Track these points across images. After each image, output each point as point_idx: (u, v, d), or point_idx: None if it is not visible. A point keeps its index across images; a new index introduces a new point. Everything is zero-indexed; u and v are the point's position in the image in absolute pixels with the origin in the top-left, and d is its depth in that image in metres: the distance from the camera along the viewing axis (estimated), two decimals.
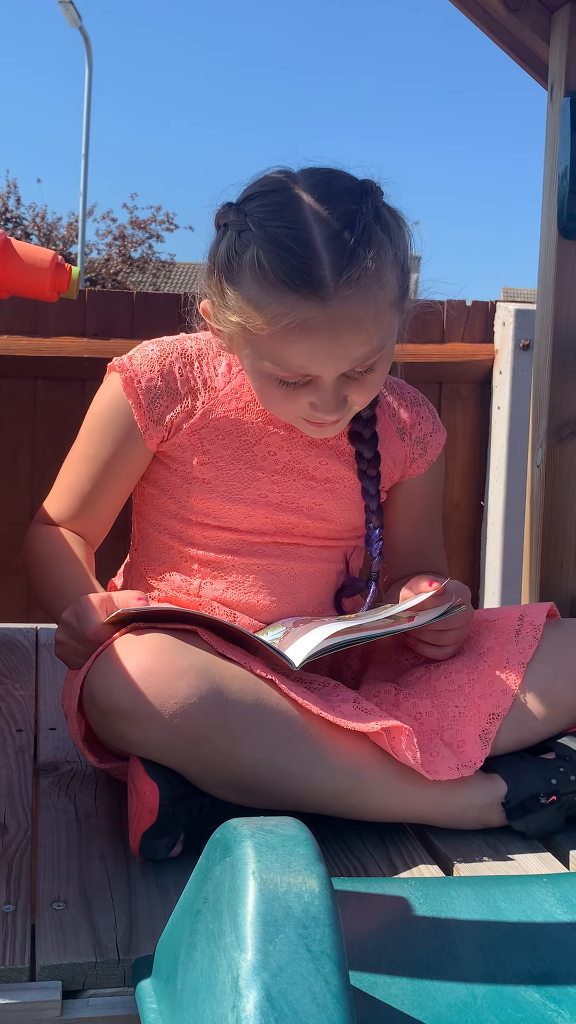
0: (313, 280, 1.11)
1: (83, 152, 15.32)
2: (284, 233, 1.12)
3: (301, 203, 1.14)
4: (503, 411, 2.49)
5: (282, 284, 1.11)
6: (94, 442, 1.31)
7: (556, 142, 1.86)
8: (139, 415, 1.27)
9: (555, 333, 1.91)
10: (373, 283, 1.13)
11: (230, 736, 1.09)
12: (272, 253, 1.12)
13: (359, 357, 1.16)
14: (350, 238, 1.12)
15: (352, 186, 1.17)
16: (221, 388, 1.28)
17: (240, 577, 1.30)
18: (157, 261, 21.21)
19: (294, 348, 1.14)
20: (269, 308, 1.13)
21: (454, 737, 1.21)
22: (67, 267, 1.43)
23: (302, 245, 1.11)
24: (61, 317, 2.30)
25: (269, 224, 1.13)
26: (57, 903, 1.01)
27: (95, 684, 1.11)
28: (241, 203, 1.18)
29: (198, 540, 1.30)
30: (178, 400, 1.28)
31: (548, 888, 1.02)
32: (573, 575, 1.97)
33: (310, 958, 0.67)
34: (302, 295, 1.11)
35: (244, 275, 1.14)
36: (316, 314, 1.11)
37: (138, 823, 1.09)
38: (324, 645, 1.15)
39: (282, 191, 1.16)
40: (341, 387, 1.18)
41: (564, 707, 1.24)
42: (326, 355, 1.15)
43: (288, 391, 1.19)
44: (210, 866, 0.79)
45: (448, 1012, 0.83)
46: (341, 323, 1.12)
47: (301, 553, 1.32)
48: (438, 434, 1.39)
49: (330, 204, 1.14)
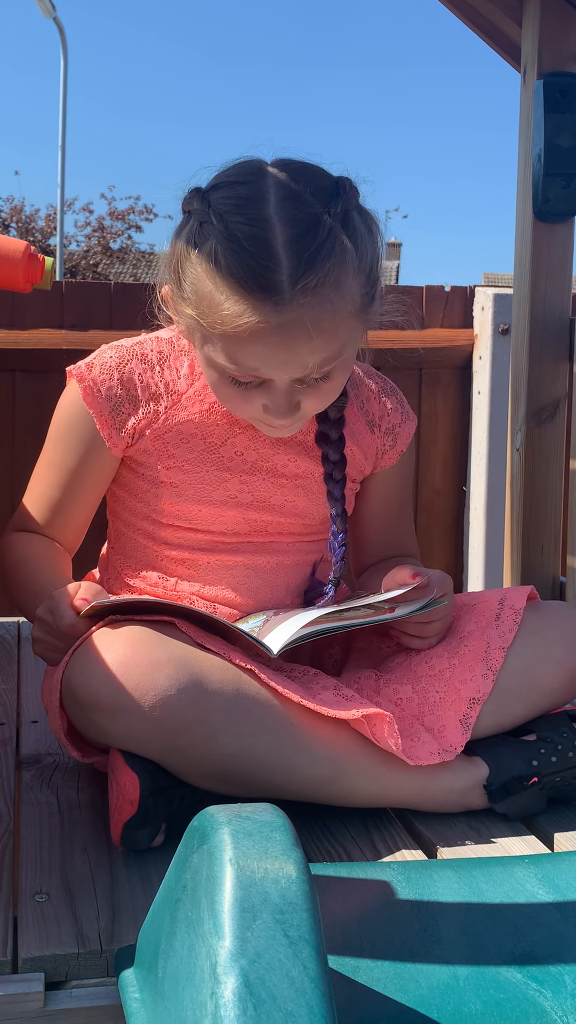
0: (268, 284, 1.07)
1: (60, 144, 15.24)
2: (244, 231, 1.08)
3: (267, 200, 1.10)
4: (483, 396, 2.49)
5: (237, 284, 1.08)
6: (59, 449, 1.29)
7: (530, 125, 1.86)
8: (101, 424, 1.25)
9: (532, 316, 1.92)
10: (332, 291, 1.09)
11: (210, 727, 1.09)
12: (230, 251, 1.08)
13: (313, 365, 1.12)
14: (312, 243, 1.08)
15: (324, 185, 1.13)
16: (184, 391, 1.26)
17: (217, 574, 1.29)
18: (137, 252, 21.13)
19: (246, 350, 1.11)
20: (223, 307, 1.09)
21: (435, 722, 1.21)
22: (40, 258, 1.43)
23: (261, 246, 1.07)
24: (39, 309, 2.29)
25: (231, 219, 1.09)
26: (39, 895, 1.01)
27: (73, 678, 1.11)
28: (208, 191, 1.14)
29: (171, 540, 1.29)
30: (140, 406, 1.25)
31: (530, 869, 1.02)
32: (554, 558, 1.98)
33: (288, 943, 0.67)
34: (256, 298, 1.07)
35: (201, 268, 1.11)
36: (269, 319, 1.08)
37: (119, 814, 1.09)
38: (302, 632, 1.15)
39: (249, 184, 1.12)
40: (294, 392, 1.15)
41: (544, 690, 1.24)
42: (278, 361, 1.11)
43: (242, 390, 1.16)
44: (188, 854, 0.79)
45: (431, 994, 0.83)
46: (295, 330, 1.08)
47: (277, 548, 1.31)
48: (407, 423, 1.38)
49: (296, 204, 1.09)
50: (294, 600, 1.33)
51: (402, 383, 1.46)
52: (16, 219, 20.77)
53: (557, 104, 1.81)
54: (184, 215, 1.17)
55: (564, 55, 1.84)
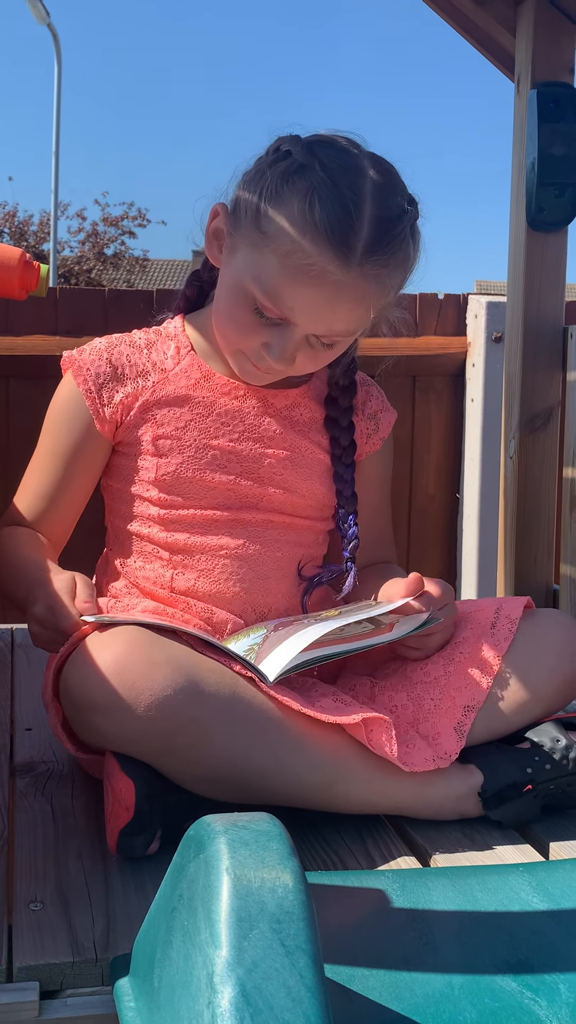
0: (349, 242, 1.16)
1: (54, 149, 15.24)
2: (345, 191, 1.16)
3: (366, 177, 1.18)
4: (476, 403, 2.49)
5: (323, 229, 1.15)
6: (52, 437, 1.35)
7: (524, 134, 1.87)
8: (90, 401, 1.31)
9: (525, 325, 1.92)
10: (386, 276, 1.20)
11: (206, 729, 1.09)
12: (329, 199, 1.16)
13: (337, 330, 1.22)
14: (391, 230, 1.18)
15: (407, 193, 1.23)
16: (171, 369, 1.32)
17: (209, 564, 1.30)
18: (131, 258, 21.13)
19: (295, 289, 1.18)
20: (301, 241, 1.16)
21: (430, 729, 1.21)
22: (36, 265, 1.42)
23: (355, 209, 1.16)
24: (33, 315, 2.28)
25: (336, 175, 1.17)
26: (34, 903, 1.01)
27: (70, 679, 1.11)
28: (311, 143, 1.21)
29: (165, 524, 1.31)
30: (127, 382, 1.31)
31: (525, 877, 1.02)
32: (547, 566, 1.98)
33: (284, 953, 0.67)
34: (333, 248, 1.15)
35: (292, 202, 1.17)
36: (334, 271, 1.16)
37: (115, 821, 1.09)
38: (300, 660, 1.15)
39: (353, 156, 1.20)
40: (300, 345, 1.23)
41: (538, 697, 1.24)
42: (317, 311, 1.20)
43: (256, 320, 1.22)
44: (184, 863, 0.79)
45: (426, 1003, 0.83)
46: (346, 292, 1.18)
47: (269, 536, 1.32)
48: (388, 413, 1.43)
49: (389, 192, 1.19)
50: (285, 600, 1.33)
51: (395, 390, 1.48)
52: (9, 225, 20.76)
53: (551, 114, 1.82)
54: (278, 151, 1.22)
55: (558, 65, 1.85)
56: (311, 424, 1.35)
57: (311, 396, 1.36)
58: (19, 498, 1.36)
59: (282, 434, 1.33)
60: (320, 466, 1.35)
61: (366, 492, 1.40)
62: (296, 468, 1.33)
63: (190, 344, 1.34)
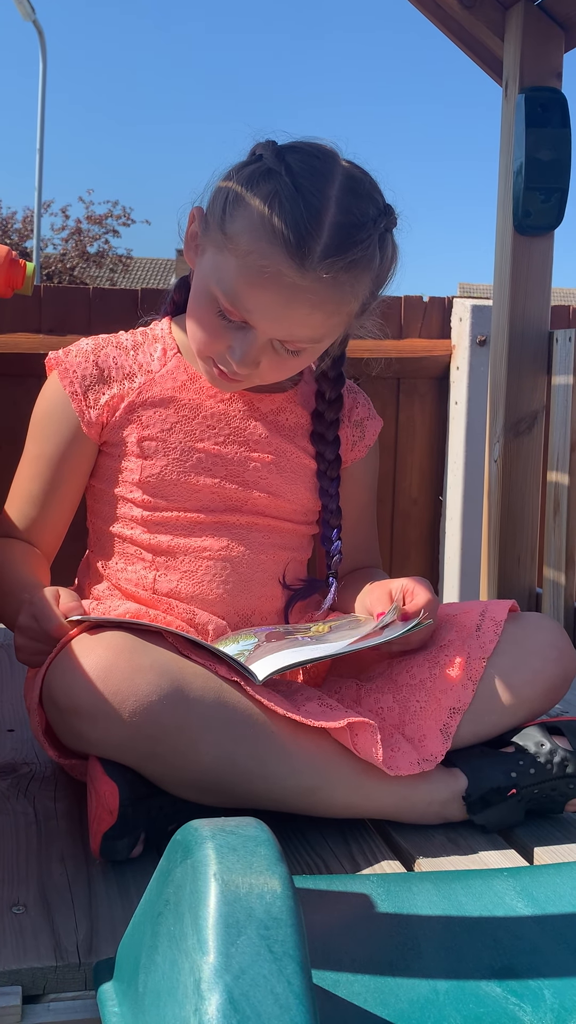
0: (303, 246, 1.14)
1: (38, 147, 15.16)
2: (308, 195, 1.16)
3: (334, 182, 1.18)
4: (460, 406, 2.50)
5: (280, 231, 1.15)
6: (38, 440, 1.33)
7: (511, 138, 1.87)
8: (76, 403, 1.30)
9: (511, 328, 1.93)
10: (346, 284, 1.17)
11: (191, 734, 1.09)
12: (288, 203, 1.15)
13: (297, 335, 1.20)
14: (352, 236, 1.16)
15: (378, 200, 1.21)
16: (157, 371, 1.31)
17: (192, 565, 1.29)
18: (114, 256, 21.07)
19: (252, 290, 1.17)
20: (258, 243, 1.16)
21: (415, 732, 1.21)
22: (21, 263, 1.41)
23: (316, 213, 1.15)
24: (16, 313, 2.27)
25: (300, 180, 1.16)
26: (16, 907, 1.00)
27: (54, 684, 1.10)
28: (284, 149, 1.21)
29: (149, 526, 1.30)
30: (113, 384, 1.31)
31: (509, 882, 1.02)
32: (530, 569, 1.99)
33: (272, 959, 0.67)
34: (288, 252, 1.14)
35: (253, 204, 1.17)
36: (288, 274, 1.15)
37: (98, 824, 1.08)
38: (291, 661, 1.14)
39: (325, 161, 1.20)
40: (263, 350, 1.22)
41: (522, 700, 1.24)
42: (273, 314, 1.18)
43: (220, 323, 1.21)
44: (171, 868, 0.78)
45: (411, 1008, 0.83)
46: (302, 296, 1.16)
47: (253, 539, 1.32)
48: (374, 420, 1.43)
49: (355, 199, 1.18)
50: (269, 603, 1.33)
51: (379, 392, 1.48)
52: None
53: (538, 118, 1.82)
54: (252, 155, 1.22)
55: (546, 70, 1.86)
56: (297, 429, 1.35)
57: (298, 401, 1.36)
58: (10, 505, 1.35)
59: (268, 438, 1.32)
60: (305, 471, 1.35)
61: (351, 498, 1.40)
62: (281, 472, 1.33)
63: (176, 346, 1.33)
